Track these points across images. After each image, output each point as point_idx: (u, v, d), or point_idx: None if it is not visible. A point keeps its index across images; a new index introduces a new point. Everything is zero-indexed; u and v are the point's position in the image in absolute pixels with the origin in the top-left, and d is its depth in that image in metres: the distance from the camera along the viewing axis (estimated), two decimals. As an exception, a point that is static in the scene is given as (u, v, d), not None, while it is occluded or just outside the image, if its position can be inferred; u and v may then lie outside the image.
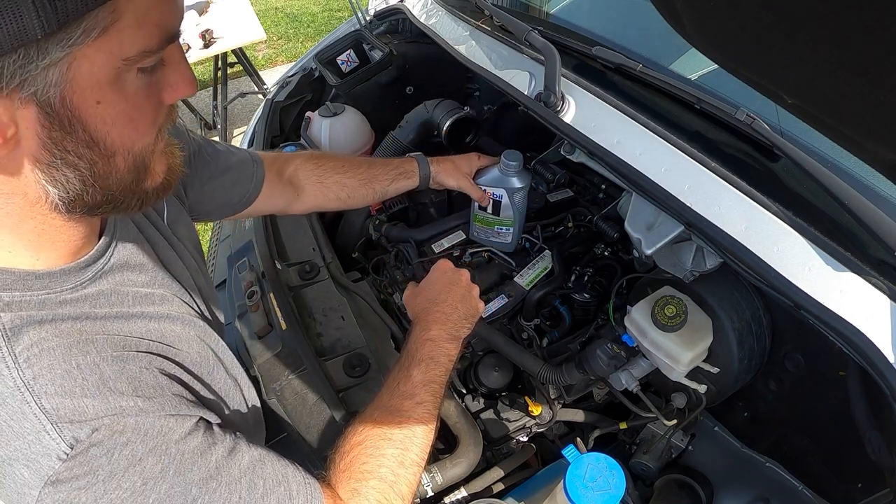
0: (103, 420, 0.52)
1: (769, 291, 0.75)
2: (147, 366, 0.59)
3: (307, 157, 1.12)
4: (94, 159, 0.50)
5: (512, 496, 0.94)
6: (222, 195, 0.95)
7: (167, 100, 0.55)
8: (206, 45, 3.19)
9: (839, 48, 0.56)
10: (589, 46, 1.07)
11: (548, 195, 1.37)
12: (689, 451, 1.08)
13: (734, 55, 0.75)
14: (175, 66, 0.54)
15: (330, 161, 1.13)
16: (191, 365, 0.66)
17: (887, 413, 0.69)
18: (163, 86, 0.54)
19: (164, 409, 0.56)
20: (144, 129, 0.53)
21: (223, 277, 1.30)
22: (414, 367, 0.81)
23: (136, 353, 0.59)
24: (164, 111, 0.56)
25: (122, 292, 0.63)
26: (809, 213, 0.75)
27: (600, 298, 1.21)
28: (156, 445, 0.54)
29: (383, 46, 1.57)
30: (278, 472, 0.63)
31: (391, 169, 1.17)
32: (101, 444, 0.52)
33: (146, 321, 0.64)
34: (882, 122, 0.59)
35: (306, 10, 5.58)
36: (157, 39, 0.48)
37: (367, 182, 1.13)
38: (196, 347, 0.69)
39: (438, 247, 1.30)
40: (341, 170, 1.12)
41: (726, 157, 0.85)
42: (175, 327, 0.67)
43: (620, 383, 1.04)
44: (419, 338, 0.86)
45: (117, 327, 0.60)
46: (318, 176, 1.10)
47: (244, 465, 0.60)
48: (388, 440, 0.73)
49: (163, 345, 0.64)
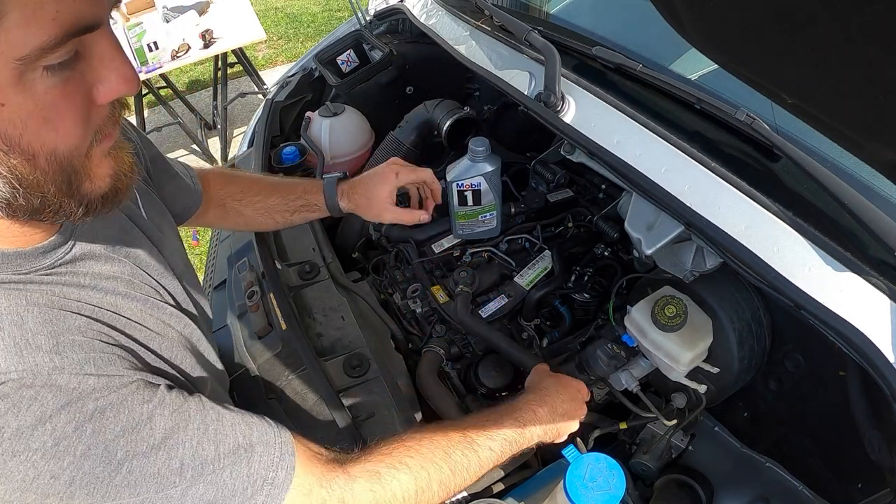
0: (11, 374, 0.49)
1: (769, 291, 0.75)
2: (80, 326, 0.55)
3: (223, 176, 1.06)
4: (13, 163, 0.47)
5: (512, 496, 0.93)
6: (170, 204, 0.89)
7: (100, 99, 0.50)
8: (206, 45, 3.19)
9: (839, 48, 0.56)
10: (589, 46, 1.07)
11: (548, 195, 1.37)
12: (689, 451, 1.08)
13: (734, 55, 0.75)
14: (103, 61, 0.49)
15: (231, 185, 1.05)
16: (148, 341, 0.62)
17: (887, 413, 0.69)
18: (91, 83, 0.49)
19: (85, 369, 0.52)
20: (66, 130, 0.49)
21: (223, 277, 1.30)
22: (507, 420, 0.80)
23: (73, 313, 0.55)
24: (99, 111, 0.51)
25: (80, 272, 0.60)
26: (809, 213, 0.75)
27: (600, 298, 1.21)
28: (69, 402, 0.50)
29: (383, 46, 1.57)
30: (240, 434, 0.58)
31: (291, 200, 1.06)
32: (7, 398, 0.48)
33: (102, 294, 0.60)
34: (882, 122, 0.59)
35: (306, 10, 5.59)
36: (53, 34, 0.43)
37: (264, 212, 1.06)
38: (157, 327, 0.65)
39: (438, 247, 1.30)
40: (238, 197, 1.05)
41: (726, 157, 0.85)
42: (134, 305, 0.64)
43: (620, 383, 1.04)
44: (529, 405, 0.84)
45: (65, 291, 0.57)
46: (222, 199, 1.04)
47: (193, 426, 0.55)
48: (447, 455, 0.71)
49: (115, 314, 0.60)
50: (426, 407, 1.06)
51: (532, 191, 1.43)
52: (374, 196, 1.03)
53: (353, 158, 1.55)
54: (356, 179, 1.07)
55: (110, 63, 0.50)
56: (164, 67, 3.22)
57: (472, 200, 1.21)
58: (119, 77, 0.50)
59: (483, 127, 1.60)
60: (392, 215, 1.04)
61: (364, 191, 1.05)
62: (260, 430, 0.61)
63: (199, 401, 0.59)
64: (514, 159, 1.54)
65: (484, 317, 1.17)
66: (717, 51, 0.78)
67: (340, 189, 1.06)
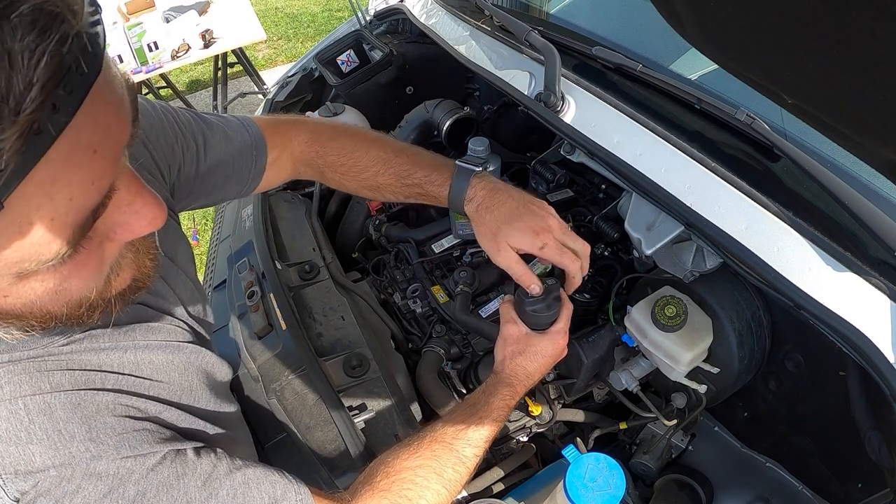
0: (50, 472, 0.48)
1: (769, 291, 0.75)
2: (108, 404, 0.54)
3: (310, 140, 0.92)
4: (25, 323, 0.45)
5: (512, 496, 0.94)
6: (214, 191, 0.85)
7: (117, 239, 0.45)
8: (206, 45, 3.20)
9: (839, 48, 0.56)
10: (589, 46, 1.07)
11: (548, 195, 1.37)
12: (689, 451, 1.08)
13: (734, 55, 0.75)
14: (120, 207, 0.43)
15: (331, 154, 0.91)
16: (169, 395, 0.62)
17: (887, 413, 0.69)
18: (107, 229, 0.44)
19: (121, 452, 0.52)
20: (81, 284, 0.45)
21: (223, 277, 1.30)
22: (487, 423, 0.80)
23: (98, 390, 0.54)
24: (116, 246, 0.47)
25: (97, 334, 0.58)
26: (809, 213, 0.75)
27: (600, 298, 1.21)
28: (111, 489, 0.50)
29: (383, 46, 1.57)
30: (265, 494, 0.60)
31: (407, 185, 0.89)
32: (49, 494, 0.47)
33: (121, 353, 0.59)
34: (882, 122, 0.59)
35: (306, 10, 5.59)
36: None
37: (371, 189, 0.92)
38: (178, 376, 0.65)
39: (438, 247, 1.30)
40: (341, 169, 0.91)
41: (726, 157, 0.85)
42: (154, 356, 0.63)
43: (620, 383, 1.04)
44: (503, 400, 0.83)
45: (84, 360, 0.55)
46: (319, 167, 0.93)
47: (223, 493, 0.56)
48: (440, 476, 0.73)
49: (135, 377, 0.59)
50: (426, 407, 1.06)
51: (532, 191, 1.43)
52: (505, 234, 0.81)
53: (353, 158, 1.55)
54: (496, 188, 0.84)
55: (129, 208, 0.44)
56: (164, 67, 3.22)
57: None
58: (141, 220, 0.45)
59: (483, 127, 1.60)
60: (506, 262, 0.83)
61: (498, 216, 0.82)
62: (282, 488, 0.62)
63: (227, 464, 0.59)
64: (514, 159, 1.54)
65: (484, 317, 1.17)
66: (717, 51, 0.78)
67: (472, 188, 0.84)
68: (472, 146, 1.17)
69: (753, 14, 0.65)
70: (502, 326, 0.89)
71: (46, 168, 0.34)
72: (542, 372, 0.88)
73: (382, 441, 0.94)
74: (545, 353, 0.86)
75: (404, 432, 0.95)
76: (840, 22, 0.54)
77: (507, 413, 0.84)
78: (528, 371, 0.86)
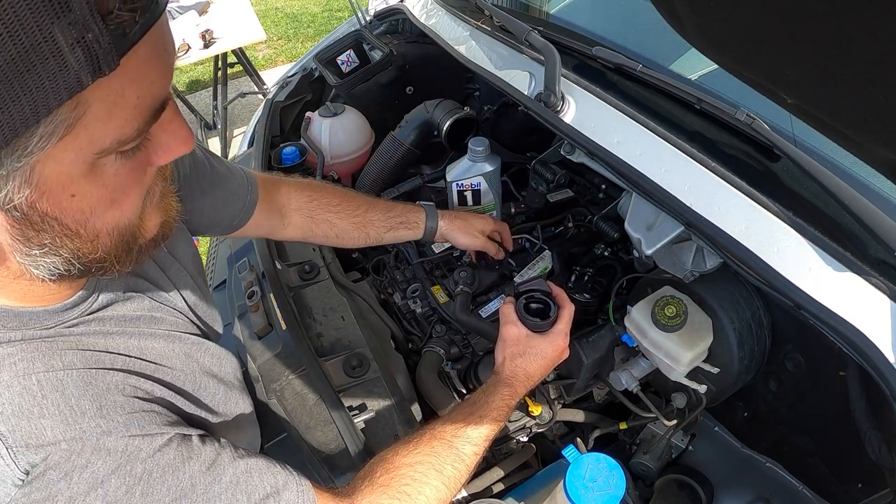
0: (60, 445, 0.49)
1: (769, 291, 0.75)
2: (118, 384, 0.56)
3: (301, 185, 1.05)
4: (77, 245, 0.47)
5: (512, 496, 0.94)
6: (212, 214, 0.89)
7: (158, 162, 0.50)
8: (206, 45, 3.19)
9: (839, 48, 0.56)
10: (589, 46, 1.07)
11: (548, 195, 1.37)
12: (689, 451, 1.08)
13: (734, 55, 0.75)
14: (162, 125, 0.47)
15: (325, 196, 1.05)
16: (173, 380, 0.64)
17: (887, 413, 0.69)
18: (151, 149, 0.48)
19: (130, 430, 0.53)
20: (129, 205, 0.49)
21: (223, 277, 1.30)
22: (487, 422, 0.81)
23: (108, 370, 0.56)
24: (152, 170, 0.51)
25: (105, 318, 0.61)
26: (809, 213, 0.75)
27: (600, 298, 1.21)
28: (119, 465, 0.51)
29: (383, 46, 1.57)
30: (267, 483, 0.61)
31: (392, 217, 1.10)
32: (59, 467, 0.49)
33: (126, 338, 0.62)
34: (882, 122, 0.59)
35: (306, 10, 5.59)
36: (136, 124, 0.42)
37: (360, 226, 1.07)
38: (181, 364, 0.67)
39: (438, 247, 1.30)
40: (335, 209, 1.04)
41: (726, 157, 0.85)
42: (158, 344, 0.65)
43: (620, 383, 1.04)
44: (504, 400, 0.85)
45: (93, 342, 0.57)
46: (310, 210, 1.03)
47: (226, 479, 0.58)
48: (439, 473, 0.73)
49: (142, 360, 0.61)
50: (426, 407, 1.06)
51: (532, 191, 1.43)
52: (472, 223, 1.15)
53: (353, 158, 1.55)
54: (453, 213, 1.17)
55: (169, 126, 0.48)
56: (165, 67, 3.21)
57: (472, 200, 1.22)
58: (178, 140, 0.49)
59: (483, 127, 1.60)
60: (482, 243, 1.16)
61: (464, 217, 1.16)
62: (284, 479, 0.63)
63: (231, 453, 0.61)
64: (514, 159, 1.54)
65: (484, 317, 1.17)
66: (717, 51, 0.78)
67: (440, 213, 1.14)
68: (472, 146, 1.17)
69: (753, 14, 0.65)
70: (502, 327, 0.93)
71: (146, 46, 0.40)
72: (543, 373, 0.90)
73: (382, 441, 0.94)
74: (545, 354, 0.90)
75: (404, 432, 0.95)
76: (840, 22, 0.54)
77: (508, 413, 0.84)
78: (529, 372, 0.88)
